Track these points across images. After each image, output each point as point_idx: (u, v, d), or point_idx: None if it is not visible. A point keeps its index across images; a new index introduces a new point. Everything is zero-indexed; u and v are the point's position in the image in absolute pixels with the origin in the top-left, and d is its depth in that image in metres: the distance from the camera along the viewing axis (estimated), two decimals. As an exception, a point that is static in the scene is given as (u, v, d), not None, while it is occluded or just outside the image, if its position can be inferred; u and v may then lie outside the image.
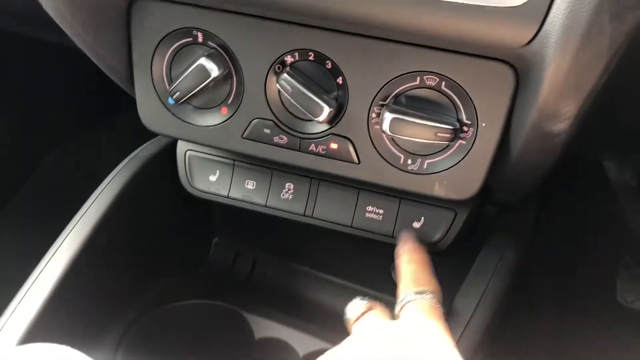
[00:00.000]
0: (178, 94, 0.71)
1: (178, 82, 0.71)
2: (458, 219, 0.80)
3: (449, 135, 0.64)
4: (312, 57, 0.67)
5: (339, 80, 0.67)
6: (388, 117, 0.65)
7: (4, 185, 1.55)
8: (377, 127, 0.68)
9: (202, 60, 0.69)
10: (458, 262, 0.81)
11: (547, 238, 1.25)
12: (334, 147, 0.71)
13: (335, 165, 0.72)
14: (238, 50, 0.69)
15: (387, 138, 0.69)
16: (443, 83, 0.64)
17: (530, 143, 0.62)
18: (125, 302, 0.90)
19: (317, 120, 0.68)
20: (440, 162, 0.69)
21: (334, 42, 0.65)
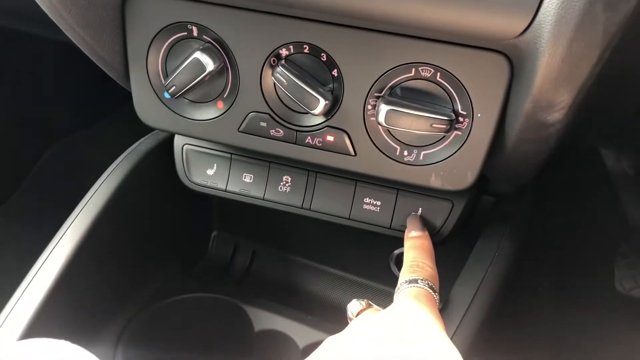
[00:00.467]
0: (174, 89, 0.71)
1: (173, 76, 0.71)
2: (455, 210, 0.80)
3: (445, 126, 0.64)
4: (307, 49, 0.67)
5: (334, 73, 0.67)
6: (384, 108, 0.65)
7: (4, 181, 1.55)
8: (372, 119, 0.68)
9: (197, 54, 0.69)
10: (456, 252, 0.81)
11: (544, 227, 1.25)
12: (330, 139, 0.71)
13: (332, 158, 0.72)
14: (233, 44, 0.69)
15: (383, 130, 0.69)
16: (438, 74, 0.64)
17: (525, 133, 0.62)
18: (125, 296, 0.90)
19: (313, 113, 0.68)
20: (436, 153, 0.69)
21: (329, 34, 0.65)
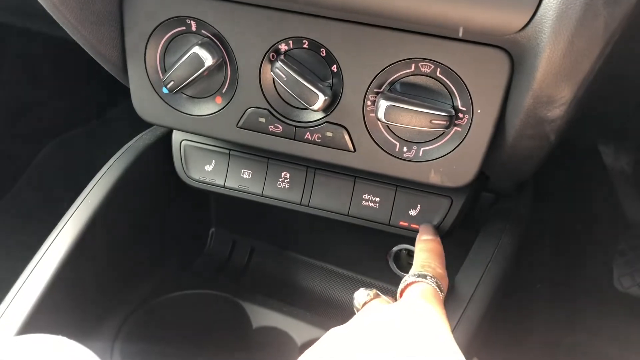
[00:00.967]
0: (172, 84, 0.71)
1: (172, 71, 0.70)
2: (454, 206, 0.80)
3: (445, 122, 0.64)
4: (306, 44, 0.67)
5: (334, 68, 0.67)
6: (383, 104, 0.65)
7: (2, 178, 1.55)
8: (372, 114, 0.68)
9: (195, 49, 0.69)
10: (455, 248, 0.81)
11: (543, 224, 1.26)
12: (330, 135, 0.71)
13: (331, 154, 0.72)
14: (232, 39, 0.68)
15: (382, 126, 0.69)
16: (438, 70, 0.64)
17: (526, 129, 0.62)
18: (123, 292, 0.90)
19: (312, 109, 0.68)
20: (436, 149, 0.69)
21: (328, 29, 0.65)
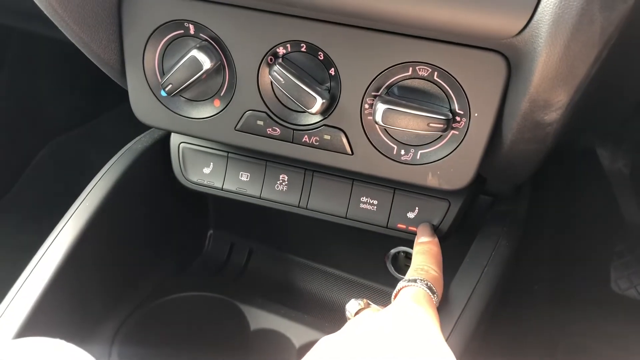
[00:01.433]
0: (170, 87, 0.71)
1: (170, 74, 0.71)
2: (452, 209, 0.80)
3: (442, 126, 0.64)
4: (304, 48, 0.67)
5: (332, 72, 0.67)
6: (381, 107, 0.65)
7: (1, 178, 1.55)
8: (370, 118, 0.68)
9: (194, 52, 0.69)
10: (452, 251, 0.81)
11: (540, 226, 1.26)
12: (327, 138, 0.71)
13: (329, 157, 0.72)
14: (230, 42, 0.69)
15: (380, 129, 0.69)
16: (435, 73, 0.64)
17: (522, 133, 0.62)
18: (121, 295, 0.90)
19: (310, 112, 0.68)
20: (434, 152, 0.69)
21: (326, 33, 0.65)
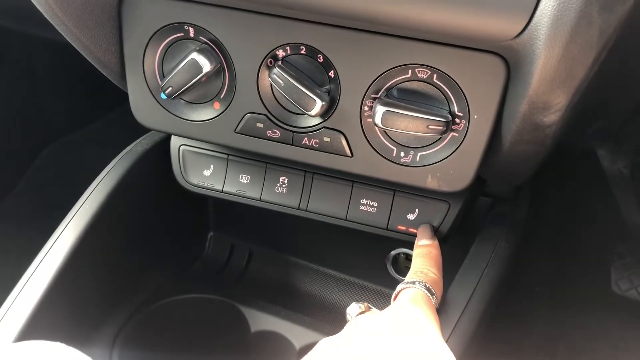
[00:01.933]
0: (170, 89, 0.71)
1: (170, 77, 0.71)
2: (452, 211, 0.80)
3: (441, 128, 0.65)
4: (303, 51, 0.67)
5: (331, 74, 0.67)
6: (380, 110, 0.65)
7: (1, 181, 1.55)
8: (369, 120, 0.68)
9: (193, 55, 0.69)
10: (452, 253, 0.81)
11: (540, 228, 1.26)
12: (327, 140, 0.71)
13: (329, 159, 0.72)
14: (230, 45, 0.69)
15: (379, 131, 0.69)
16: (435, 75, 0.64)
17: (522, 134, 0.63)
18: (121, 297, 0.90)
19: (309, 114, 0.68)
20: (433, 154, 0.69)
21: (326, 35, 0.65)
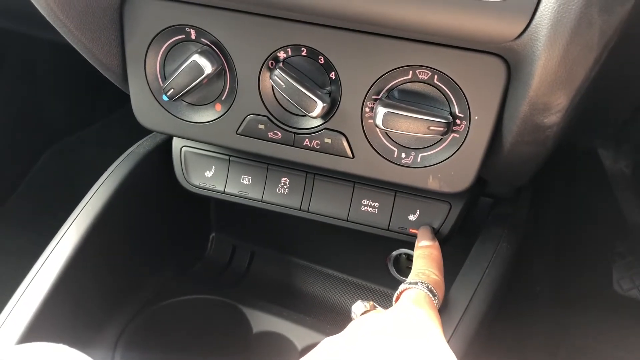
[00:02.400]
0: (172, 91, 0.72)
1: (172, 79, 0.71)
2: (453, 211, 0.80)
3: (442, 129, 0.65)
4: (304, 52, 0.67)
5: (332, 75, 0.67)
6: (381, 111, 0.65)
7: (2, 184, 1.55)
8: (370, 121, 0.68)
9: (195, 57, 0.69)
10: (453, 253, 0.81)
11: (542, 227, 1.26)
12: (328, 141, 0.71)
13: (330, 160, 0.73)
14: (231, 47, 0.69)
15: (380, 132, 0.69)
16: (435, 77, 0.64)
17: (522, 135, 0.63)
18: (123, 298, 0.90)
19: (310, 116, 0.68)
20: (434, 155, 0.69)
21: (326, 37, 0.65)
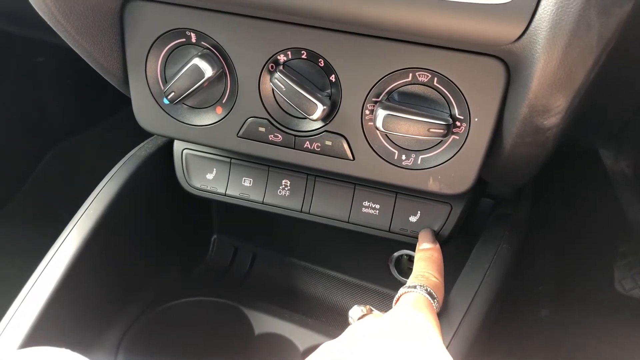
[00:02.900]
0: (173, 95, 0.72)
1: (172, 82, 0.71)
2: (454, 213, 0.81)
3: (442, 131, 0.65)
4: (304, 55, 0.67)
5: (332, 78, 0.68)
6: (381, 113, 0.65)
7: (5, 185, 1.56)
8: (370, 123, 0.69)
9: (195, 61, 0.69)
10: (455, 254, 0.81)
11: (543, 227, 1.26)
12: (329, 144, 0.71)
13: (331, 162, 0.73)
14: (231, 50, 0.69)
15: (380, 134, 0.69)
16: (435, 79, 0.64)
17: (522, 137, 0.63)
18: (125, 301, 0.90)
19: (311, 118, 0.68)
20: (434, 157, 0.69)
21: (326, 40, 0.65)
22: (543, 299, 1.26)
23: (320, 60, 0.67)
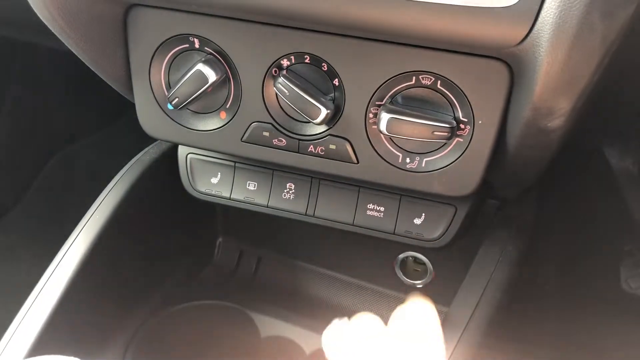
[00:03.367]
0: (177, 100, 0.72)
1: (176, 88, 0.71)
2: (458, 215, 0.81)
3: (446, 134, 0.65)
4: (308, 59, 0.67)
5: (336, 82, 0.68)
6: (385, 117, 0.65)
7: (9, 192, 1.56)
8: (374, 127, 0.69)
9: (199, 66, 0.69)
10: (460, 256, 0.81)
11: (549, 227, 1.25)
12: (333, 147, 0.71)
13: (335, 166, 0.73)
14: (234, 55, 0.69)
15: (384, 138, 0.70)
16: (439, 82, 0.64)
17: (526, 139, 0.63)
18: (132, 306, 0.91)
19: (314, 122, 0.68)
20: (439, 159, 0.69)
21: (329, 44, 0.65)
22: (549, 298, 1.25)
23: (324, 65, 0.67)
